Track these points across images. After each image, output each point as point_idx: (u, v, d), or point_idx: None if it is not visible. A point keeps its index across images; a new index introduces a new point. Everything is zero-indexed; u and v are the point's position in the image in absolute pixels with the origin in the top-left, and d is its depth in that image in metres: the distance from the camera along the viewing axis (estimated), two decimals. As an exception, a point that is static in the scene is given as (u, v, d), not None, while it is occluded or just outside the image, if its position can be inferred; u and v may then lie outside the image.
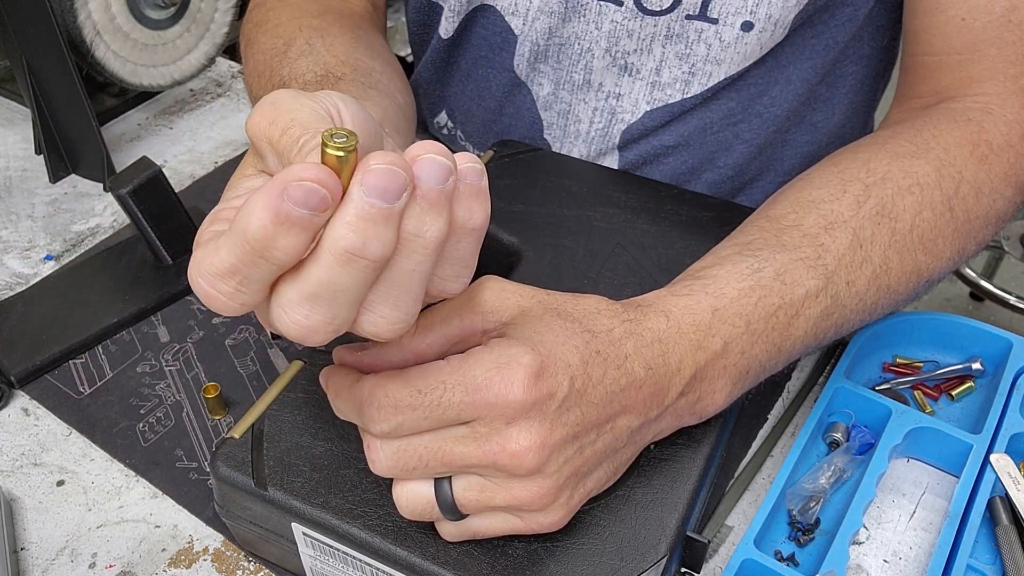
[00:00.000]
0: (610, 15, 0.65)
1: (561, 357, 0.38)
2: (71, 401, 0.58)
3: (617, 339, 0.41)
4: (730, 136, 0.70)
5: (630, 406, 0.41)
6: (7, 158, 0.81)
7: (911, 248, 0.50)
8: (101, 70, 0.78)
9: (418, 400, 0.36)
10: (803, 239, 0.49)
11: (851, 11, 0.64)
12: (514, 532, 0.41)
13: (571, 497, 0.40)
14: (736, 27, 0.62)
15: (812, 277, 0.47)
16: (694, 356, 0.43)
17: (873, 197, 0.50)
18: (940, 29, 0.58)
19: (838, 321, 0.49)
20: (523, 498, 0.38)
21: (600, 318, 0.42)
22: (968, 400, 0.57)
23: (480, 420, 0.37)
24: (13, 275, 0.68)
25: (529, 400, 0.36)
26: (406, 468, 0.38)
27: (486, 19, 0.70)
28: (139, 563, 0.50)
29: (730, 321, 0.44)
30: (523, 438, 0.37)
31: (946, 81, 0.59)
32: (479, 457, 0.37)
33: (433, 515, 0.40)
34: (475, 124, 0.78)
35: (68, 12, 0.73)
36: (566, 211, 0.64)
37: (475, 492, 0.39)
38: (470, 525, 0.41)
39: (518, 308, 0.41)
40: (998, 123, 0.55)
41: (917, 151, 0.53)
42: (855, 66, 0.70)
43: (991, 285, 1.72)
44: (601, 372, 0.39)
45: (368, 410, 0.37)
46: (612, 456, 0.42)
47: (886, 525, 0.52)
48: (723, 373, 0.44)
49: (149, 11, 0.78)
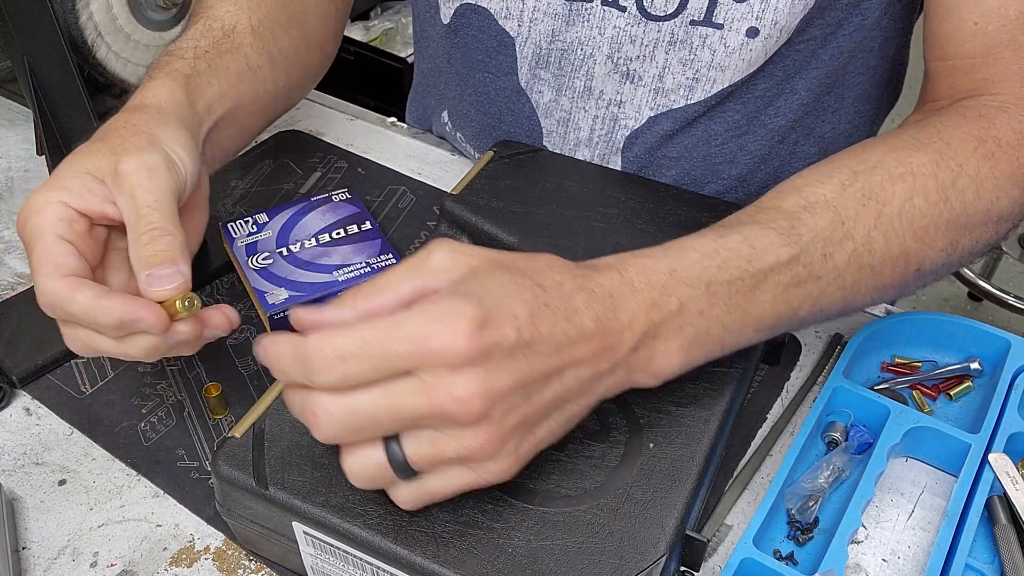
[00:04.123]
0: (613, 20, 0.64)
1: (507, 309, 0.39)
2: (73, 400, 0.59)
3: (567, 293, 0.42)
4: (734, 147, 0.69)
5: (580, 358, 0.41)
6: (9, 159, 0.81)
7: (899, 232, 0.50)
8: (103, 71, 0.78)
9: (364, 350, 0.37)
10: (779, 215, 0.49)
11: (859, 20, 0.64)
12: (468, 486, 0.41)
13: (519, 445, 0.41)
14: (741, 33, 0.61)
15: (783, 245, 0.47)
16: (647, 313, 0.44)
17: (860, 182, 0.50)
18: (953, 34, 0.57)
19: (815, 294, 0.49)
20: (472, 446, 0.39)
21: (551, 273, 0.42)
22: (966, 400, 0.58)
23: (425, 370, 0.38)
24: (15, 275, 0.69)
25: (473, 348, 0.37)
26: (355, 429, 0.38)
27: (481, 20, 0.70)
28: (140, 562, 0.50)
29: (688, 282, 0.45)
30: (469, 384, 0.37)
31: (961, 83, 0.58)
32: (428, 407, 0.37)
33: (386, 479, 0.41)
34: (474, 128, 0.78)
35: (70, 13, 0.73)
36: (566, 211, 0.64)
37: (426, 446, 0.39)
38: (425, 485, 0.41)
39: (468, 267, 0.42)
40: (1012, 121, 0.54)
41: (917, 144, 0.52)
42: (862, 76, 0.69)
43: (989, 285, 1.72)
44: (550, 324, 0.40)
45: (313, 361, 0.38)
46: (562, 408, 0.42)
47: (885, 524, 0.52)
48: (678, 333, 0.45)
49: (151, 12, 0.78)
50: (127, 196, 0.47)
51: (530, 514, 0.44)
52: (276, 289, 0.62)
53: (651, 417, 0.49)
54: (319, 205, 0.70)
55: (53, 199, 0.47)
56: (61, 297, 0.45)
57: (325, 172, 0.78)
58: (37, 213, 0.47)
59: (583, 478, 0.46)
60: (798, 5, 0.60)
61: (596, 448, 0.47)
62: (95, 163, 0.49)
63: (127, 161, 0.48)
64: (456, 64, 0.75)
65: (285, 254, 0.65)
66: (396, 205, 0.75)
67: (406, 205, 0.75)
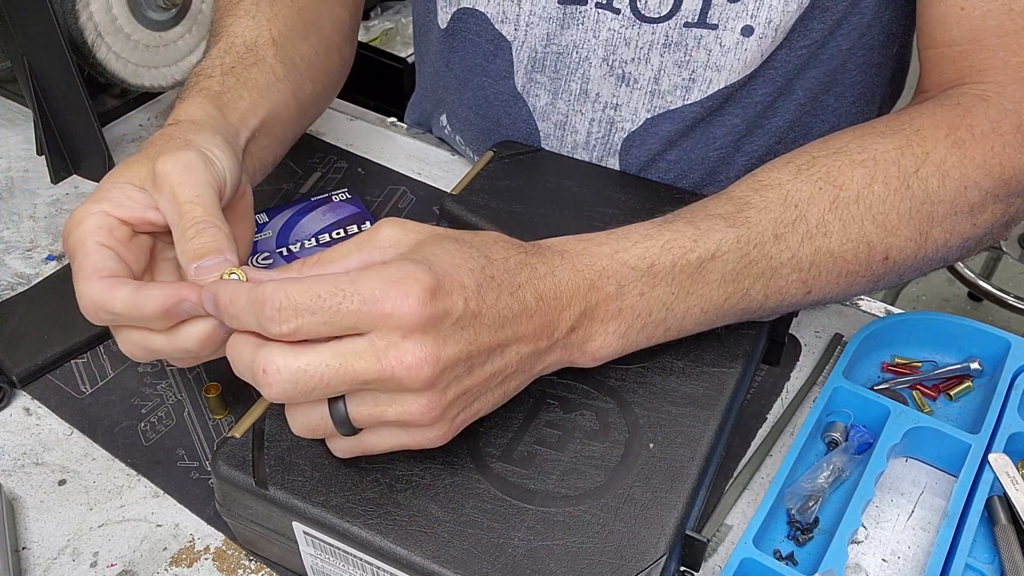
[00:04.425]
0: (607, 23, 0.64)
1: (456, 278, 0.40)
2: (73, 401, 0.59)
3: (512, 268, 0.43)
4: (733, 150, 0.69)
5: (521, 334, 0.42)
6: (9, 159, 0.81)
7: (857, 217, 0.49)
8: (103, 71, 0.78)
9: (317, 304, 0.38)
10: (728, 200, 0.50)
11: (857, 18, 0.63)
12: (400, 447, 0.42)
13: (456, 416, 0.42)
14: (736, 32, 0.61)
15: (729, 226, 0.48)
16: (585, 294, 0.45)
17: (818, 167, 0.50)
18: (941, 20, 0.57)
19: (766, 273, 0.48)
20: (413, 412, 0.40)
21: (497, 247, 0.44)
22: (966, 400, 0.58)
23: (376, 332, 0.38)
24: (15, 275, 0.69)
25: (424, 315, 0.38)
26: (306, 389, 0.39)
27: (477, 24, 0.70)
28: (140, 562, 0.50)
29: (629, 263, 0.46)
30: (419, 351, 0.38)
31: (949, 72, 0.58)
32: (378, 372, 0.38)
33: (327, 431, 0.42)
34: (473, 132, 0.78)
35: (70, 13, 0.73)
36: (566, 211, 0.64)
37: (368, 406, 0.40)
38: (362, 441, 0.42)
39: (416, 241, 0.43)
40: (990, 110, 0.53)
41: (886, 131, 0.52)
42: (863, 75, 0.69)
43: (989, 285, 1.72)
44: (494, 297, 0.41)
45: (268, 310, 0.38)
46: (501, 383, 0.43)
47: (885, 524, 0.52)
48: (616, 315, 0.46)
49: (150, 12, 0.79)
50: (168, 196, 0.47)
51: (530, 514, 0.44)
52: None
53: (651, 417, 0.49)
54: (319, 205, 0.70)
55: (94, 210, 0.47)
56: (102, 298, 0.44)
57: (325, 172, 0.78)
58: (78, 225, 0.47)
59: (583, 478, 0.46)
60: (792, 4, 0.60)
61: (596, 448, 0.47)
62: (133, 172, 0.49)
63: (164, 162, 0.47)
64: (454, 68, 0.75)
65: (285, 254, 0.65)
66: (396, 205, 0.75)
67: (406, 205, 0.75)
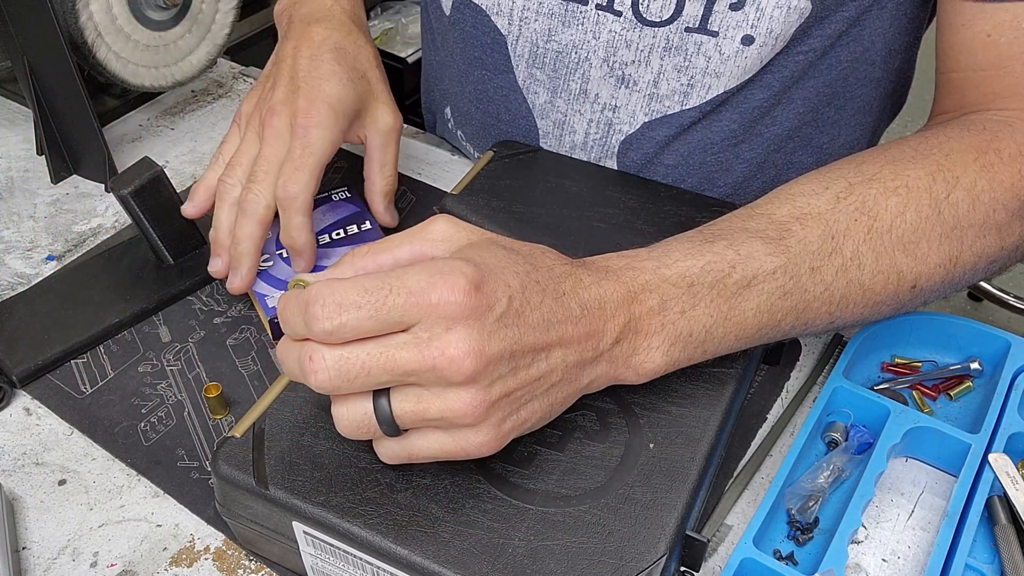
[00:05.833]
0: (608, 25, 0.64)
1: (502, 277, 0.40)
2: (73, 401, 0.59)
3: (557, 276, 0.43)
4: (730, 156, 0.69)
5: (566, 339, 0.42)
6: (9, 159, 0.81)
7: (888, 247, 0.50)
8: (102, 71, 0.78)
9: (363, 299, 0.38)
10: (770, 223, 0.49)
11: (859, 31, 0.63)
12: (447, 455, 0.42)
13: (503, 420, 0.41)
14: (736, 40, 0.61)
15: (770, 253, 0.48)
16: (628, 307, 0.45)
17: (855, 195, 0.50)
18: (966, 46, 0.57)
19: (799, 307, 0.49)
20: (456, 408, 0.39)
21: (544, 257, 0.44)
22: (966, 400, 0.58)
23: (421, 324, 0.39)
24: (15, 275, 0.69)
25: (469, 305, 0.38)
26: (348, 377, 0.39)
27: (475, 15, 0.70)
28: (140, 562, 0.50)
29: (671, 280, 0.46)
30: (462, 343, 0.38)
31: (971, 97, 0.58)
32: (420, 362, 0.38)
33: (372, 430, 0.42)
34: (474, 127, 0.78)
35: (70, 13, 0.73)
36: (566, 211, 0.64)
37: (411, 403, 0.40)
38: (408, 444, 0.42)
39: (467, 240, 0.44)
40: (1016, 135, 0.54)
41: (916, 156, 0.52)
42: (864, 88, 0.69)
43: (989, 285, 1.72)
44: (539, 299, 0.41)
45: (313, 308, 0.39)
46: (547, 391, 0.43)
47: (885, 524, 0.52)
48: (660, 330, 0.46)
49: (150, 12, 0.78)
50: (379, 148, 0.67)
51: (530, 514, 0.44)
52: (277, 292, 0.62)
53: (651, 417, 0.49)
54: (319, 205, 0.70)
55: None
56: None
57: (325, 171, 0.78)
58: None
59: (583, 478, 0.46)
60: (793, 14, 0.60)
61: (596, 448, 0.47)
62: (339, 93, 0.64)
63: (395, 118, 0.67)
64: (457, 58, 0.75)
65: (285, 255, 0.65)
66: (396, 205, 0.75)
67: (406, 205, 0.75)
